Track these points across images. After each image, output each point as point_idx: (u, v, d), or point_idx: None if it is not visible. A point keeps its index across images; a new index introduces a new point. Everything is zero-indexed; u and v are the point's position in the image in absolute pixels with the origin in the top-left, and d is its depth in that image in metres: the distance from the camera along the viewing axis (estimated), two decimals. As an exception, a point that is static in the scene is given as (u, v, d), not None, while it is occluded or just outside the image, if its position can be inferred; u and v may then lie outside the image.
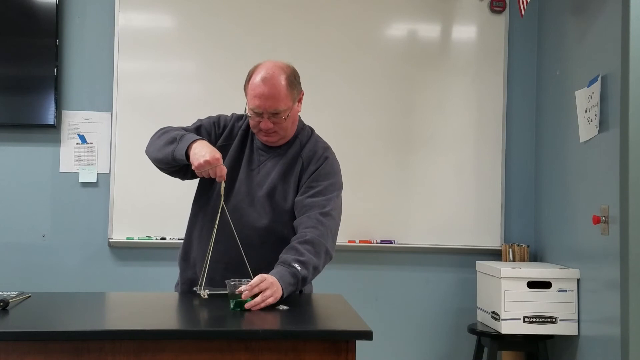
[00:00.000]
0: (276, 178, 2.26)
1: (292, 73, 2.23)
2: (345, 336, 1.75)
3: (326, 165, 2.28)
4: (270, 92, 2.15)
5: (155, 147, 2.25)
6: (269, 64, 2.21)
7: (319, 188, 2.22)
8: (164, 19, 3.84)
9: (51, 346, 1.69)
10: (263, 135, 2.24)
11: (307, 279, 2.10)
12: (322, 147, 2.32)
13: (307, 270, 2.08)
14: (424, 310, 3.89)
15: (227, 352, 1.72)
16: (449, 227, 3.86)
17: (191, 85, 3.80)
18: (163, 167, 2.27)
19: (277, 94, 2.16)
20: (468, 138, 3.90)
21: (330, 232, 2.19)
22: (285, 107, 2.18)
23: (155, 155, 2.24)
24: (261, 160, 2.29)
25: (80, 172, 3.77)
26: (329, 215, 2.19)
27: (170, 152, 2.17)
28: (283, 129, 2.22)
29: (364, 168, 3.82)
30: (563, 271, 3.37)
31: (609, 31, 3.05)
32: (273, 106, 2.16)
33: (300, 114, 2.33)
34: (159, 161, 2.25)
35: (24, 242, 3.74)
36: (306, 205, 2.20)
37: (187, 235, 2.36)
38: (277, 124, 2.19)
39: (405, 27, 3.93)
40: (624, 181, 2.84)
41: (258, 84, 2.16)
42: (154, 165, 2.30)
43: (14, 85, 3.71)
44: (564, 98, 3.55)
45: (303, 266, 2.07)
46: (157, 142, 2.25)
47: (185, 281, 2.34)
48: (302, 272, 2.07)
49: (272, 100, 2.15)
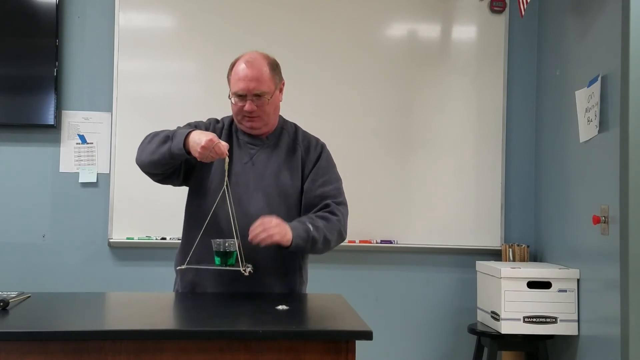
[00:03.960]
0: (279, 165, 2.30)
1: (274, 61, 2.33)
2: (345, 336, 1.75)
3: (325, 154, 2.38)
4: (254, 74, 2.24)
5: (148, 151, 2.24)
6: (251, 52, 2.33)
7: (326, 177, 2.33)
8: (164, 19, 3.84)
9: (51, 346, 1.70)
10: (247, 121, 2.29)
11: (317, 242, 2.18)
12: (313, 137, 2.42)
13: (319, 234, 2.18)
14: (424, 310, 3.89)
15: (227, 352, 1.73)
16: (449, 227, 3.86)
17: (191, 85, 3.79)
18: (158, 170, 2.25)
19: (261, 77, 2.24)
20: (468, 138, 3.90)
21: (344, 218, 2.31)
22: (268, 89, 2.26)
23: (150, 158, 2.22)
24: (252, 153, 2.32)
25: (80, 172, 3.77)
26: (343, 204, 2.32)
27: (166, 151, 2.17)
28: (266, 113, 2.28)
29: (364, 168, 3.82)
30: (563, 271, 3.37)
31: (609, 31, 3.05)
32: (257, 87, 2.24)
33: (300, 113, 2.35)
34: (154, 164, 2.22)
35: (24, 242, 3.74)
36: (319, 196, 2.29)
37: (185, 239, 2.34)
38: (260, 107, 2.26)
39: (405, 27, 3.93)
40: (624, 181, 2.84)
41: (242, 67, 2.25)
42: (146, 173, 2.28)
43: (14, 85, 3.71)
44: (564, 98, 3.55)
45: (316, 229, 2.17)
46: (149, 147, 2.24)
47: (186, 285, 2.32)
48: (314, 233, 2.16)
49: (255, 82, 2.23)
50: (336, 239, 2.27)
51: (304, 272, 2.38)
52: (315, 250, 2.23)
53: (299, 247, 2.15)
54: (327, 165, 2.36)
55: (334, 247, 2.31)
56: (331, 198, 2.29)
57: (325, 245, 2.23)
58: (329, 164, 2.37)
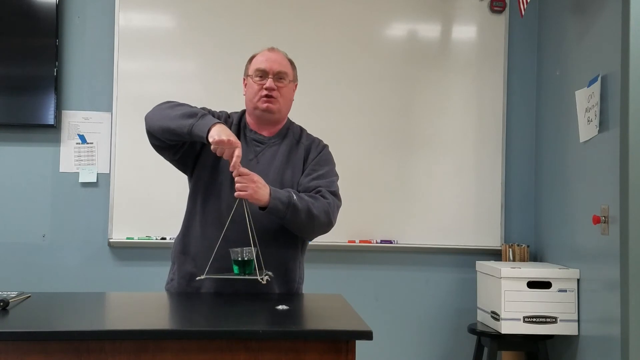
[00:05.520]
0: (282, 163, 2.32)
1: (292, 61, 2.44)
2: (345, 336, 1.75)
3: (326, 152, 2.41)
4: (277, 58, 2.37)
5: (165, 116, 2.20)
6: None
7: (322, 172, 2.34)
8: (164, 19, 3.84)
9: (51, 346, 1.69)
10: (264, 102, 2.31)
11: (299, 211, 2.15)
12: (317, 138, 2.45)
13: (302, 204, 2.16)
14: (424, 310, 3.89)
15: (226, 352, 1.72)
16: (449, 227, 3.86)
17: (191, 85, 3.79)
18: (166, 137, 2.22)
19: (283, 61, 2.38)
20: (468, 138, 3.90)
21: (334, 205, 2.28)
22: (289, 72, 2.37)
23: (165, 123, 2.19)
24: (257, 151, 2.34)
25: (80, 172, 3.77)
26: (336, 194, 2.31)
27: (188, 125, 2.14)
28: (283, 97, 2.34)
29: (363, 168, 3.82)
30: (563, 271, 3.37)
31: (609, 31, 3.05)
32: (280, 68, 2.34)
33: (300, 113, 2.35)
34: (165, 130, 2.19)
35: (24, 242, 3.74)
36: (312, 186, 2.29)
37: (185, 229, 2.34)
38: (280, 88, 2.33)
39: (405, 27, 3.93)
40: (624, 181, 2.84)
41: (266, 52, 2.38)
42: (149, 134, 2.25)
43: (14, 85, 3.71)
44: (564, 98, 3.55)
45: (299, 199, 2.17)
46: (169, 112, 2.21)
47: (184, 275, 2.31)
48: (295, 200, 2.15)
49: (278, 64, 2.35)
50: (323, 218, 2.21)
51: (301, 271, 2.39)
52: (298, 221, 2.18)
53: (278, 210, 2.13)
54: (325, 161, 2.37)
55: (321, 230, 2.26)
56: (324, 187, 2.28)
57: (310, 219, 2.18)
58: (327, 161, 2.38)
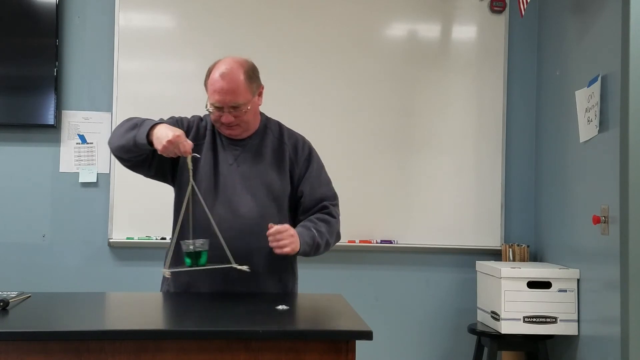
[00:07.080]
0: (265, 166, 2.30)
1: (251, 68, 2.28)
2: (345, 336, 1.75)
3: (315, 154, 2.40)
4: (229, 86, 2.20)
5: (117, 135, 2.23)
6: (227, 59, 2.27)
7: (321, 179, 2.38)
8: (164, 19, 3.84)
9: (51, 346, 1.69)
10: (225, 129, 2.29)
11: (320, 247, 2.27)
12: (299, 135, 2.42)
13: (322, 240, 2.26)
14: (424, 310, 3.89)
15: (226, 352, 1.72)
16: (449, 227, 3.86)
17: (191, 85, 3.78)
18: (125, 156, 2.24)
19: (236, 88, 2.21)
20: (468, 138, 3.90)
21: (339, 219, 2.39)
22: (244, 100, 2.23)
23: (118, 142, 2.21)
24: (235, 154, 2.32)
25: (80, 172, 3.77)
26: (337, 204, 2.40)
27: (131, 138, 2.16)
28: (244, 122, 2.28)
29: (363, 168, 3.82)
30: (563, 271, 3.37)
31: (609, 31, 3.05)
32: (233, 100, 2.21)
33: (300, 113, 2.35)
34: (120, 149, 2.21)
35: (24, 242, 3.74)
36: (317, 199, 2.34)
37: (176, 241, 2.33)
38: (238, 117, 2.25)
39: (405, 27, 3.93)
40: (624, 181, 2.84)
41: (217, 79, 2.22)
42: (115, 157, 2.27)
43: (14, 85, 3.71)
44: (564, 98, 3.55)
45: (320, 235, 2.25)
46: (119, 130, 2.23)
47: (179, 285, 2.31)
48: (318, 239, 2.24)
49: (231, 95, 2.21)
50: (334, 240, 2.36)
51: (295, 270, 2.41)
52: (317, 254, 2.31)
53: (305, 253, 2.23)
54: (319, 166, 2.40)
55: None
56: (328, 199, 2.36)
57: (326, 249, 2.32)
58: (319, 165, 2.41)
